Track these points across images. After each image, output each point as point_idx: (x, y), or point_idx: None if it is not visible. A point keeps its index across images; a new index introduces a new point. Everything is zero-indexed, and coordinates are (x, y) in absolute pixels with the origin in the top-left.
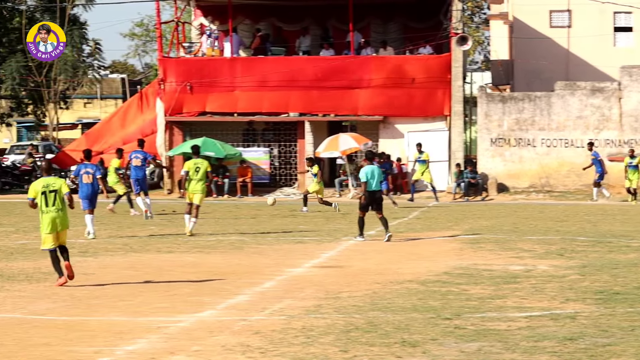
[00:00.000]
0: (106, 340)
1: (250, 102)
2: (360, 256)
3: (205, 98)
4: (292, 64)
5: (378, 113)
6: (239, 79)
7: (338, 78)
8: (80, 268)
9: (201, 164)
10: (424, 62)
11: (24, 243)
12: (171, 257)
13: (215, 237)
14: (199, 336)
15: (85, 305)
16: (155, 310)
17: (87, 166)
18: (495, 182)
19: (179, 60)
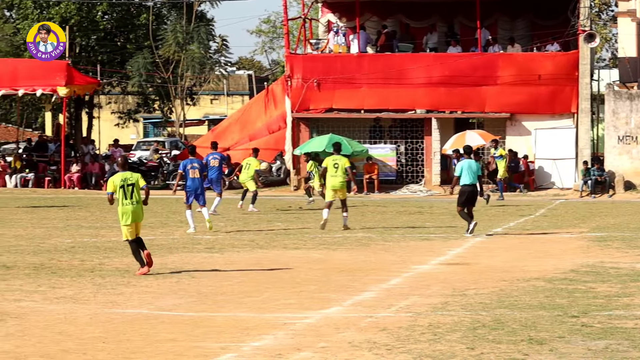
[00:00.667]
0: (232, 336)
1: (377, 99)
2: (487, 253)
3: (332, 95)
4: (419, 60)
5: (505, 110)
6: (366, 76)
7: (465, 75)
8: (207, 264)
9: (339, 160)
10: (551, 59)
11: (150, 239)
12: (297, 254)
13: (341, 234)
14: (325, 332)
15: (211, 301)
16: (281, 306)
17: (193, 161)
18: (622, 179)
19: (306, 56)
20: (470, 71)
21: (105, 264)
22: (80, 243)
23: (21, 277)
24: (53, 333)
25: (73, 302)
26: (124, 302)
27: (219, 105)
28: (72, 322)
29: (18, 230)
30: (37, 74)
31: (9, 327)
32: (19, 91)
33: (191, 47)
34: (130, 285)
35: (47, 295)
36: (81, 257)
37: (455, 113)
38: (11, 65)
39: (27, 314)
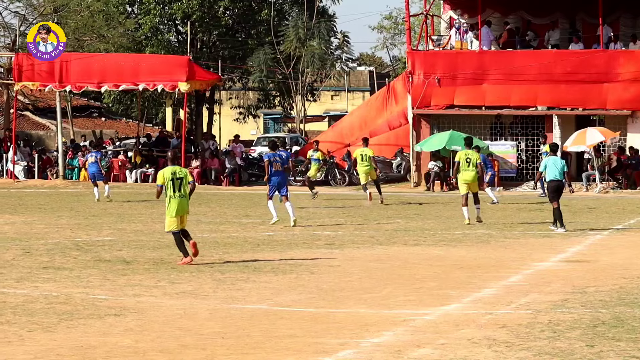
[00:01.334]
0: (352, 332)
1: (498, 96)
2: (607, 251)
3: (453, 91)
4: (541, 57)
5: (627, 107)
6: (487, 72)
7: (586, 72)
8: (326, 260)
9: (472, 155)
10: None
11: (270, 235)
12: (417, 250)
13: (461, 231)
14: (444, 329)
15: (331, 297)
16: (401, 302)
17: (275, 155)
18: None
19: (427, 53)
20: (592, 68)
21: (225, 260)
22: (199, 238)
23: (141, 272)
24: (172, 328)
25: (192, 297)
26: (243, 298)
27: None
28: (191, 317)
29: (138, 225)
30: (158, 69)
31: (129, 322)
32: (140, 86)
33: (312, 43)
34: (249, 281)
35: (166, 291)
36: (200, 252)
37: (577, 110)
38: (133, 60)
39: (146, 309)
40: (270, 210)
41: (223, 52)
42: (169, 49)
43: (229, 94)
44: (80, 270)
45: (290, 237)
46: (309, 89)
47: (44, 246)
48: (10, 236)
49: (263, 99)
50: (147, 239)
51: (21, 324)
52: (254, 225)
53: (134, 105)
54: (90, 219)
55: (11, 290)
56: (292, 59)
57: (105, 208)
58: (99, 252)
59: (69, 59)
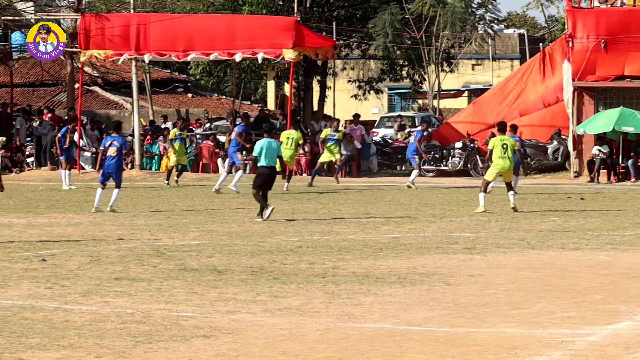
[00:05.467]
0: (497, 357)
1: None
2: None
3: (624, 58)
4: None
5: None
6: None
7: None
8: (466, 268)
9: (508, 141)
10: None
11: (395, 237)
12: (578, 255)
13: (633, 232)
14: (612, 353)
15: (470, 314)
16: (557, 320)
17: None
18: None
19: (591, 11)
20: None
21: (340, 268)
22: (309, 242)
23: (236, 283)
24: (275, 353)
25: (300, 314)
26: (362, 315)
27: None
28: (298, 339)
29: (232, 226)
30: (258, 33)
31: (221, 345)
32: (236, 55)
33: (450, 1)
34: (370, 294)
35: (267, 306)
36: (310, 259)
37: None
38: (226, 22)
39: (242, 329)
40: None
41: (338, 11)
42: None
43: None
44: (160, 281)
45: (420, 240)
46: (445, 57)
47: (117, 252)
48: (75, 240)
49: (388, 70)
50: (243, 243)
51: (88, 348)
52: (376, 225)
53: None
54: (174, 218)
55: (76, 307)
56: (425, 20)
57: (192, 205)
58: (184, 260)
59: (147, 21)
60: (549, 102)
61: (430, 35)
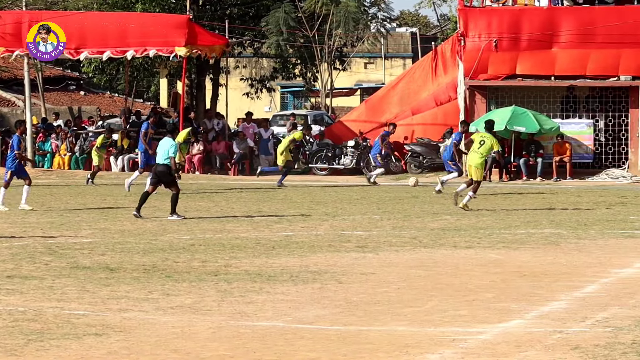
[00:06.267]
0: (388, 355)
1: (571, 63)
2: None
3: (515, 57)
4: (625, 14)
5: None
6: (558, 34)
7: None
8: (358, 266)
9: (487, 139)
10: None
11: (288, 235)
12: (470, 254)
13: (524, 230)
14: (503, 351)
15: (362, 312)
16: (449, 318)
17: None
18: None
19: (483, 10)
20: None
21: (233, 266)
22: (201, 240)
23: (128, 281)
24: (167, 351)
25: (192, 312)
26: (254, 313)
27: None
28: (190, 337)
29: (125, 224)
30: (151, 31)
31: (113, 343)
32: (128, 53)
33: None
34: (262, 292)
35: (159, 304)
36: (202, 257)
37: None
38: (119, 20)
39: (134, 327)
40: None
41: (231, 10)
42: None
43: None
44: (52, 279)
45: (313, 239)
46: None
47: (8, 250)
48: None
49: (280, 68)
50: (136, 241)
51: None
52: (269, 223)
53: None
54: (66, 216)
55: None
56: (318, 18)
57: (84, 203)
58: (77, 258)
59: (39, 18)
60: (441, 101)
61: (323, 34)
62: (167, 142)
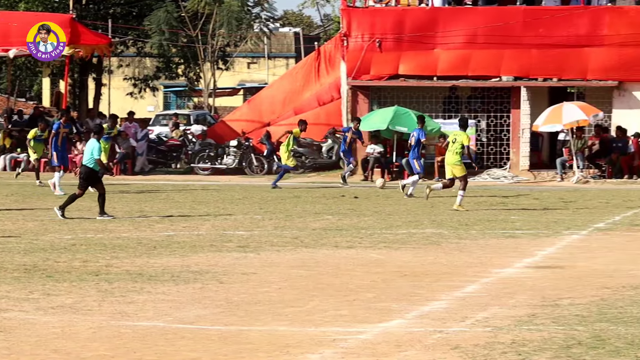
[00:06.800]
0: (269, 356)
1: (453, 63)
2: (586, 254)
3: (397, 58)
4: (507, 16)
5: (612, 77)
6: (440, 34)
7: (563, 34)
8: (239, 266)
9: (458, 136)
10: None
11: (169, 235)
12: (351, 254)
13: (406, 230)
14: (384, 351)
15: (243, 312)
16: (330, 318)
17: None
18: None
19: (366, 10)
20: (570, 29)
21: (114, 266)
22: (82, 240)
23: (9, 281)
24: (47, 351)
25: (72, 312)
26: (135, 313)
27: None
28: (70, 337)
29: (6, 223)
30: None
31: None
32: (10, 51)
33: None
34: (143, 292)
35: (40, 304)
36: (84, 256)
37: (550, 81)
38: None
39: (15, 327)
40: None
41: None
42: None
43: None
44: None
45: (194, 239)
46: (221, 55)
47: None
48: None
49: (163, 68)
50: (16, 240)
51: None
52: (150, 223)
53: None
54: None
55: None
56: (201, 18)
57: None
58: None
59: None
60: (324, 101)
61: (206, 33)
62: (91, 143)
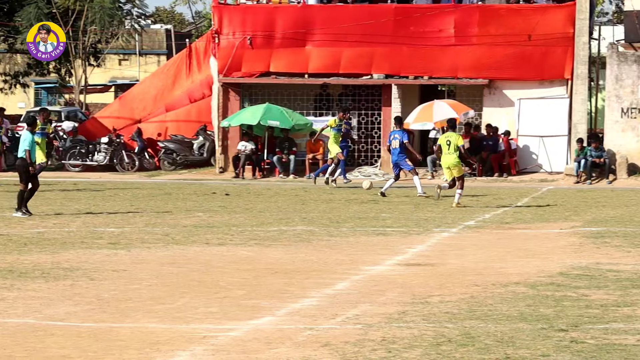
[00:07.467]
0: (139, 353)
1: (324, 61)
2: (456, 252)
3: (269, 55)
4: (377, 13)
5: (482, 76)
6: (311, 32)
7: (434, 32)
8: (109, 263)
9: (452, 138)
10: (541, 13)
11: (40, 232)
12: (222, 251)
13: (277, 227)
14: (254, 348)
15: (114, 309)
16: (200, 315)
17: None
18: (625, 162)
19: (237, 7)
20: (441, 27)
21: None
22: None
23: None
24: None
25: None
26: (5, 310)
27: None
28: None
29: None
30: None
31: None
32: None
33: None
34: (14, 288)
35: None
36: None
37: (421, 79)
38: None
39: None
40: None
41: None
42: None
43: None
44: None
45: (65, 236)
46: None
47: None
48: None
49: (34, 64)
50: None
51: None
52: (21, 220)
53: None
54: None
55: None
56: (72, 14)
57: None
58: None
59: None
60: (195, 98)
61: (78, 30)
62: (23, 135)
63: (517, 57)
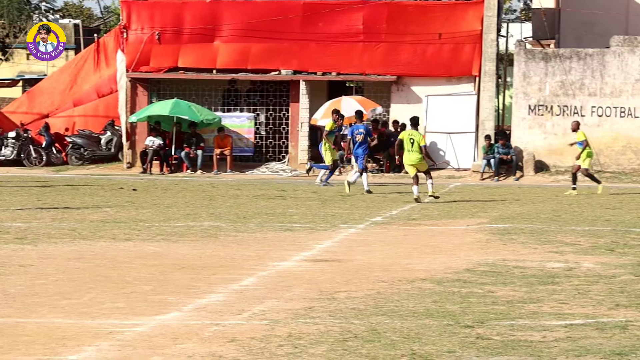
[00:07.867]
0: (45, 348)
1: (233, 56)
2: (363, 248)
3: (177, 50)
4: (285, 9)
5: (390, 72)
6: (220, 27)
7: (343, 28)
8: (16, 258)
9: (415, 136)
10: (449, 10)
11: None
12: (129, 246)
13: (184, 223)
14: (160, 344)
15: (20, 304)
16: (107, 311)
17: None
18: (532, 159)
19: (146, 2)
20: (348, 23)
21: None
22: None
23: None
24: None
25: None
26: None
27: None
28: None
29: None
30: None
31: None
32: None
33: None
34: None
35: None
36: None
37: (329, 75)
38: None
39: None
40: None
41: None
42: None
43: None
44: None
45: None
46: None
47: None
48: None
49: None
50: None
51: None
52: None
53: None
54: None
55: None
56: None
57: None
58: None
59: None
60: (103, 93)
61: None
62: None
63: (425, 53)
